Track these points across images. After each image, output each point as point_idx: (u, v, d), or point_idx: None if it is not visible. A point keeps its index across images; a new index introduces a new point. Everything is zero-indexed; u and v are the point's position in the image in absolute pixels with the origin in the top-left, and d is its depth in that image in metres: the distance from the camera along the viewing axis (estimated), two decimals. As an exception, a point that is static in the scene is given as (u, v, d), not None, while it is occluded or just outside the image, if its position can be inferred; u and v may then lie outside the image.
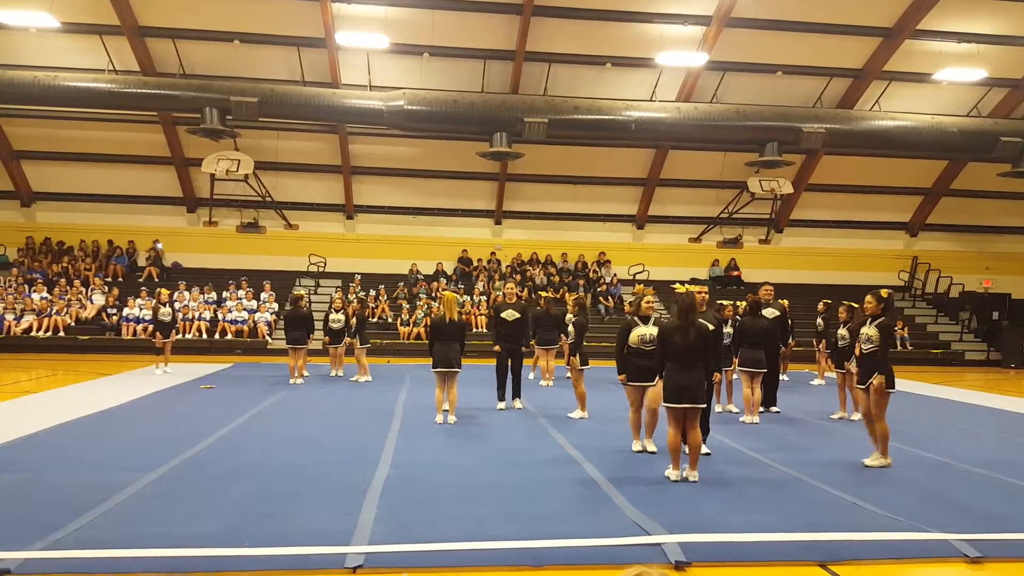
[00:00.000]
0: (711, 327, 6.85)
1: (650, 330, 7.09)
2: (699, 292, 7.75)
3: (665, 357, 6.39)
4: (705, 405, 6.52)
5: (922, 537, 4.98)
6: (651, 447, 7.43)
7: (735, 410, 10.06)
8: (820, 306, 13.89)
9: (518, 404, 10.29)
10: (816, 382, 14.23)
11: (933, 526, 5.16)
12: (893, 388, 6.97)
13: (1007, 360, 20.68)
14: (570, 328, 10.13)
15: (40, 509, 5.21)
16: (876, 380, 6.88)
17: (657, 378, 6.90)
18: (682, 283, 7.02)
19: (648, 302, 7.27)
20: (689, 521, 5.17)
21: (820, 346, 14.05)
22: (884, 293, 7.22)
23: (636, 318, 7.29)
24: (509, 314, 10.03)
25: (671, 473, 6.33)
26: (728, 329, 9.73)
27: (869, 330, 7.05)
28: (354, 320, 13.62)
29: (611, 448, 7.57)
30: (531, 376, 13.67)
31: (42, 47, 18.23)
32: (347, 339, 13.73)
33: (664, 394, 6.43)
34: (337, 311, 13.64)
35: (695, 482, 6.26)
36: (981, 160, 20.39)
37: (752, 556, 4.64)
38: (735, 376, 10.09)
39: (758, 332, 9.45)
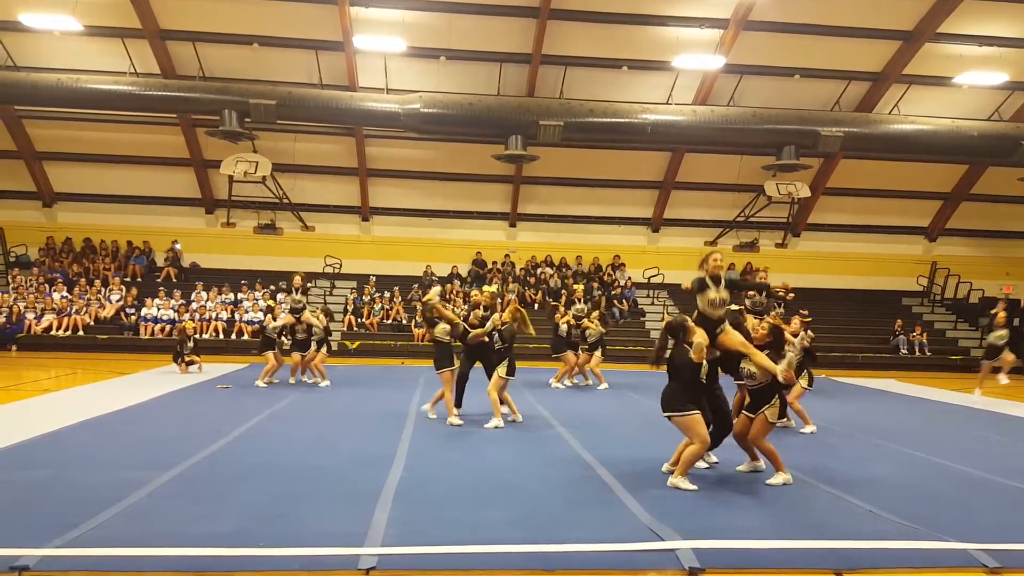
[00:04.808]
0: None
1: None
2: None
3: None
4: None
5: (939, 546, 4.92)
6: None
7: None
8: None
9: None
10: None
11: (951, 535, 5.10)
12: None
13: (1028, 367, 20.37)
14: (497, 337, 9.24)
15: (58, 507, 5.27)
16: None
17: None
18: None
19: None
20: (703, 527, 5.14)
21: None
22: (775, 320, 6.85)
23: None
24: None
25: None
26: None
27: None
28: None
29: (624, 453, 7.55)
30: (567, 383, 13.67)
31: (65, 50, 18.49)
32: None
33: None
34: (275, 318, 13.03)
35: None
36: (1002, 164, 20.14)
37: (766, 563, 4.61)
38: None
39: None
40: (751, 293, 11.41)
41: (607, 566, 4.49)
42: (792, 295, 11.88)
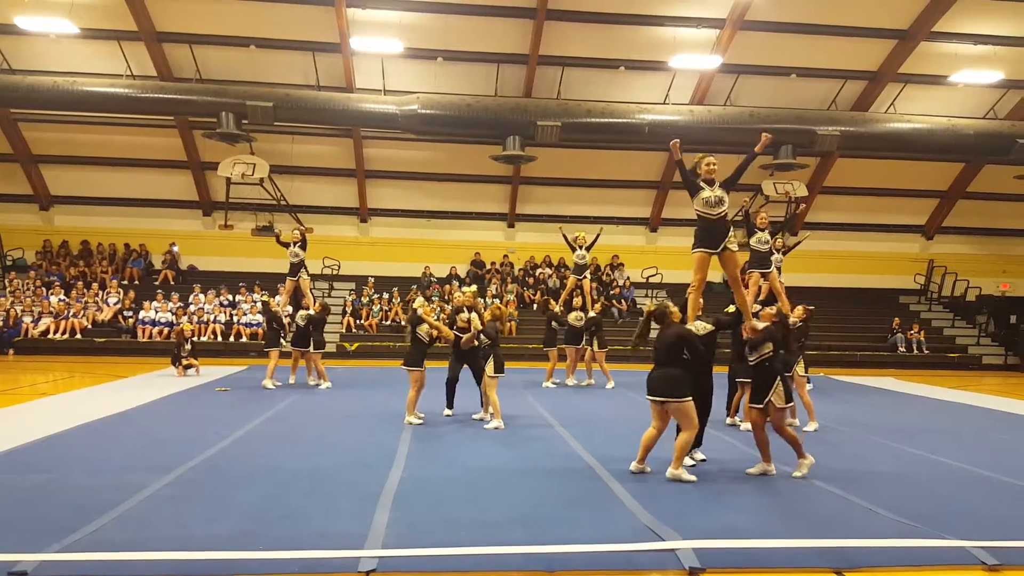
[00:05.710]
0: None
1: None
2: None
3: None
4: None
5: (939, 544, 4.93)
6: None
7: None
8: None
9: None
10: None
11: (950, 533, 5.11)
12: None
13: (1025, 364, 20.46)
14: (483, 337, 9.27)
15: (57, 511, 5.26)
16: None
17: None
18: None
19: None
20: (703, 527, 5.15)
21: None
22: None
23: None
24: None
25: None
26: None
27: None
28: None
29: (624, 453, 7.53)
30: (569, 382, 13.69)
31: (61, 53, 18.45)
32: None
33: None
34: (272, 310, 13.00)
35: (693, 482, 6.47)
36: (998, 162, 20.22)
37: (766, 562, 4.62)
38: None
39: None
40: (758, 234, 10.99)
41: (607, 566, 4.49)
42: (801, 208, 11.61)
